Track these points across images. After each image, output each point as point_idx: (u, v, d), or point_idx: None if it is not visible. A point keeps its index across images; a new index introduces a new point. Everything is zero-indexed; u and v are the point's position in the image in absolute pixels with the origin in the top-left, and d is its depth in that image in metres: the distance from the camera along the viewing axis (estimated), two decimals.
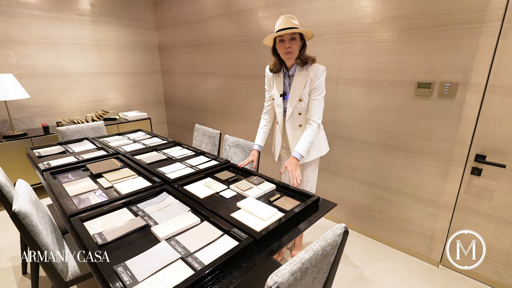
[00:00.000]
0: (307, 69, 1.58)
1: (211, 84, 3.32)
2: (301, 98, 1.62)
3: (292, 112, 1.67)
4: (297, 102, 1.63)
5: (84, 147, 2.30)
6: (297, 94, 1.62)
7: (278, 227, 1.15)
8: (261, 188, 1.50)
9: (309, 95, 1.61)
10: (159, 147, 2.26)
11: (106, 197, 1.43)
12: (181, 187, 1.49)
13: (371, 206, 2.14)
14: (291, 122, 1.71)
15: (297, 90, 1.61)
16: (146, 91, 4.01)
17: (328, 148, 1.83)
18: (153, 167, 1.79)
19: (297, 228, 1.19)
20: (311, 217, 1.28)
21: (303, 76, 1.58)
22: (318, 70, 1.56)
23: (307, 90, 1.60)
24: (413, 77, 1.75)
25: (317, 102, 1.59)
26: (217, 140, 2.36)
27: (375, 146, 2.03)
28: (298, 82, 1.60)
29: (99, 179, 1.64)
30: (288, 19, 1.50)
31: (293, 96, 1.63)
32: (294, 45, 1.52)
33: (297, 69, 1.60)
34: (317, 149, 1.77)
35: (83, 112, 3.43)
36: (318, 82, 1.56)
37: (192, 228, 1.16)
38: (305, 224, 1.22)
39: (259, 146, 1.83)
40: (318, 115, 1.61)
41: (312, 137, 1.61)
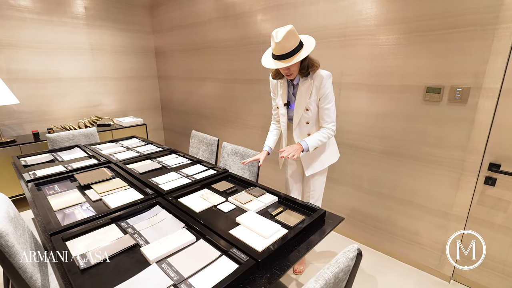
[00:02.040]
0: (311, 78, 1.49)
1: (209, 89, 3.22)
2: (308, 108, 1.53)
3: (299, 122, 1.58)
4: (304, 112, 1.55)
5: (74, 155, 2.18)
6: (302, 104, 1.53)
7: (282, 247, 1.04)
8: (262, 200, 1.40)
9: (316, 104, 1.52)
10: (153, 155, 2.15)
11: (93, 211, 1.32)
12: (176, 200, 1.38)
13: (377, 216, 2.03)
14: (299, 132, 1.62)
15: (303, 100, 1.53)
16: (142, 96, 3.91)
17: (338, 155, 1.75)
18: (146, 177, 1.68)
19: (303, 246, 1.08)
20: (318, 233, 1.17)
21: (308, 85, 1.50)
22: (323, 78, 1.46)
23: (313, 99, 1.51)
24: (421, 81, 1.66)
25: (328, 111, 1.52)
26: (214, 147, 2.25)
27: (380, 154, 1.94)
28: (303, 91, 1.52)
29: (87, 191, 1.52)
30: (282, 45, 1.32)
31: (298, 105, 1.55)
32: (292, 67, 1.42)
33: (301, 79, 1.52)
34: (329, 156, 1.69)
35: (76, 118, 3.31)
36: (324, 90, 1.48)
37: (186, 247, 1.05)
38: (311, 242, 1.11)
39: (270, 148, 1.71)
40: (332, 123, 1.55)
41: (325, 138, 1.54)
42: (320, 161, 1.67)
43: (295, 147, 1.49)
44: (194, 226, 1.15)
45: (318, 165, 1.67)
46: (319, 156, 1.66)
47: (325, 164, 1.68)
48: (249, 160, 1.64)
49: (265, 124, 2.67)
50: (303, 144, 1.51)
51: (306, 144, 1.51)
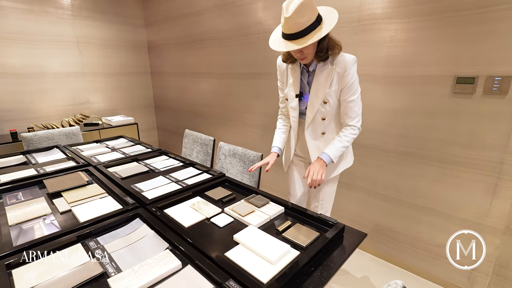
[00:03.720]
0: (332, 63, 1.20)
1: (204, 85, 2.98)
2: (326, 100, 1.25)
3: (314, 118, 1.30)
4: (320, 105, 1.26)
5: (51, 157, 1.93)
6: (320, 95, 1.25)
7: (295, 276, 0.80)
8: (266, 211, 1.15)
9: (337, 95, 1.25)
10: (141, 156, 1.90)
11: (57, 226, 1.07)
12: (160, 211, 1.13)
13: (395, 226, 1.79)
14: (311, 130, 1.35)
15: (320, 90, 1.24)
16: (134, 93, 3.66)
17: (353, 158, 1.47)
18: (129, 183, 1.43)
19: (321, 273, 0.84)
20: (336, 253, 0.93)
21: (328, 71, 1.21)
22: (348, 63, 1.18)
23: (334, 89, 1.23)
24: (450, 70, 1.43)
25: (353, 104, 1.25)
26: (210, 148, 2.01)
27: (399, 155, 1.70)
28: (321, 80, 1.23)
29: (56, 200, 1.27)
30: (293, 21, 1.05)
31: (314, 97, 1.26)
32: (307, 49, 1.14)
33: (319, 64, 1.23)
34: (345, 160, 1.42)
35: (61, 117, 3.06)
36: (349, 78, 1.20)
37: (169, 277, 0.80)
38: (330, 268, 0.86)
39: (279, 148, 1.43)
40: (357, 118, 1.28)
41: (349, 140, 1.28)
42: (334, 166, 1.40)
43: (319, 166, 1.23)
44: (180, 247, 0.90)
45: (332, 170, 1.40)
46: None
47: (340, 169, 1.41)
48: (257, 165, 1.35)
49: (266, 122, 2.43)
50: (325, 158, 1.25)
51: (327, 157, 1.25)
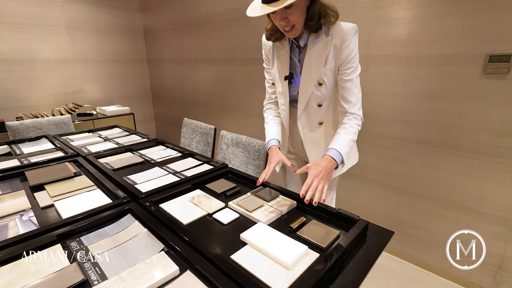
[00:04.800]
0: (327, 33, 0.99)
1: (204, 72, 2.81)
2: (321, 81, 1.04)
3: (308, 104, 1.09)
4: (315, 88, 1.05)
5: (39, 147, 1.78)
6: (313, 74, 1.04)
7: (317, 284, 0.66)
8: (276, 206, 1.01)
9: (334, 74, 1.04)
10: (135, 146, 1.75)
11: (35, 224, 0.92)
12: (155, 206, 0.99)
13: (411, 221, 1.66)
14: (306, 120, 1.13)
15: (314, 68, 1.03)
16: (129, 82, 3.49)
17: (358, 155, 1.27)
18: (121, 175, 1.29)
19: (347, 279, 0.70)
20: (360, 255, 0.79)
21: (323, 44, 1.00)
22: (347, 32, 0.97)
23: (330, 66, 1.02)
24: (480, 48, 1.28)
25: (352, 85, 1.02)
26: (211, 137, 1.86)
27: (418, 145, 1.55)
28: (314, 56, 1.02)
29: (39, 193, 1.13)
30: None
31: (307, 78, 1.05)
32: (293, 16, 0.93)
33: (311, 36, 1.02)
34: (349, 159, 1.18)
35: (52, 106, 2.89)
36: (349, 51, 0.98)
37: (164, 286, 0.66)
38: (357, 272, 0.72)
39: (277, 141, 1.16)
40: (358, 104, 1.05)
41: (356, 134, 1.05)
42: None
43: (325, 166, 0.94)
44: (177, 249, 0.76)
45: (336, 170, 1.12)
46: None
47: (344, 169, 1.19)
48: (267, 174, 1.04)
49: None
50: (334, 155, 0.98)
51: (337, 153, 0.98)
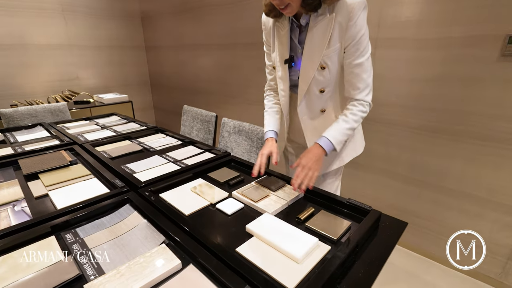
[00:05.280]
0: (331, 11, 0.88)
1: (204, 58, 2.72)
2: (324, 64, 0.94)
3: (309, 89, 1.00)
4: (317, 72, 0.95)
5: (33, 135, 1.72)
6: (315, 57, 0.94)
7: (330, 279, 0.61)
8: (282, 196, 0.96)
9: (339, 56, 0.93)
10: (134, 134, 1.69)
11: (28, 215, 0.87)
12: (155, 196, 0.94)
13: (418, 211, 1.62)
14: (306, 107, 1.05)
15: (316, 50, 0.93)
16: (127, 69, 3.39)
17: (364, 144, 1.18)
18: (119, 164, 1.23)
19: (362, 274, 0.65)
20: (373, 247, 0.74)
21: (326, 23, 0.89)
22: (354, 8, 0.85)
23: (334, 48, 0.91)
24: (499, 28, 1.20)
25: (360, 70, 0.92)
26: (212, 124, 1.80)
27: (428, 132, 1.49)
28: (316, 36, 0.92)
29: (32, 182, 1.07)
30: None
31: (308, 61, 0.96)
32: None
33: (312, 15, 0.91)
34: (353, 147, 1.12)
35: (48, 93, 2.81)
36: (356, 30, 0.87)
37: (166, 281, 0.62)
38: (372, 265, 0.68)
39: (274, 132, 1.12)
40: (367, 89, 0.94)
41: (357, 122, 0.97)
42: (339, 154, 1.10)
43: (315, 154, 0.93)
44: (179, 241, 0.71)
45: (334, 160, 1.11)
46: None
47: (346, 159, 1.12)
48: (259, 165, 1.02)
49: None
50: (324, 143, 0.94)
51: (328, 142, 0.94)
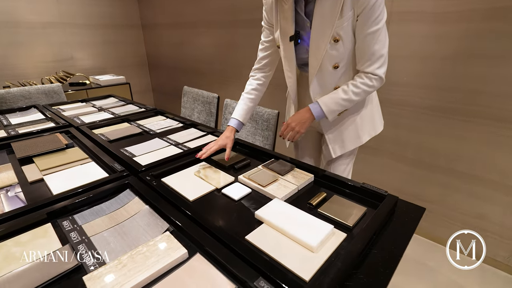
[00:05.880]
0: None
1: (204, 37, 2.59)
2: (337, 36, 0.85)
3: (321, 66, 0.90)
4: (330, 45, 0.86)
5: (28, 117, 1.65)
6: (327, 29, 0.84)
7: (348, 269, 0.56)
8: (291, 180, 0.90)
9: (353, 27, 0.84)
10: (133, 116, 1.61)
11: (23, 201, 0.82)
12: (157, 180, 0.88)
13: (427, 195, 1.58)
14: (318, 85, 0.95)
15: (327, 21, 0.84)
16: (123, 50, 3.25)
17: (383, 122, 1.10)
18: (118, 147, 1.17)
19: (380, 262, 0.61)
20: (390, 234, 0.70)
21: None
22: None
23: (347, 16, 0.82)
24: None
25: (373, 39, 0.83)
26: (214, 106, 1.72)
27: (440, 113, 1.42)
28: (327, 5, 0.82)
29: (27, 166, 1.02)
30: None
31: (319, 34, 0.86)
32: None
33: None
34: (371, 126, 1.05)
35: (41, 75, 2.70)
36: None
37: (171, 272, 0.57)
38: (392, 253, 0.63)
39: (239, 123, 1.07)
40: (378, 62, 0.85)
41: (357, 95, 0.89)
42: (356, 133, 1.03)
43: (302, 116, 0.94)
44: (185, 229, 0.67)
45: (353, 140, 1.04)
46: (354, 124, 1.02)
47: (364, 138, 1.05)
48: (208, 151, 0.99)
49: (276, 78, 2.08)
50: (313, 108, 0.93)
51: (318, 108, 0.92)
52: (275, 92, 2.26)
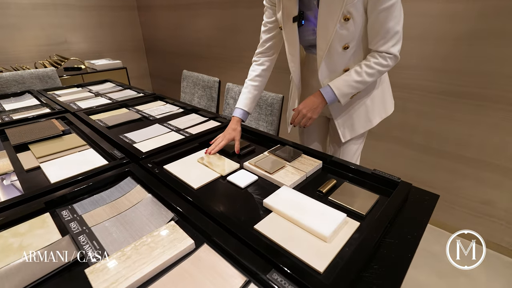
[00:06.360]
0: None
1: (203, 19, 2.48)
2: (348, 14, 0.78)
3: (330, 48, 0.84)
4: (339, 25, 0.80)
5: (22, 103, 1.59)
6: (336, 6, 0.78)
7: (362, 257, 0.54)
8: (299, 167, 0.87)
9: (364, 5, 0.78)
10: (131, 102, 1.56)
11: (19, 189, 0.79)
12: (159, 168, 0.84)
13: (434, 182, 1.55)
14: (327, 68, 0.89)
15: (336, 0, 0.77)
16: (118, 32, 3.13)
17: (393, 103, 1.05)
18: (117, 133, 1.13)
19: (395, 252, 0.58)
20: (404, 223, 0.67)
21: None
22: None
23: None
24: None
25: (387, 15, 0.76)
26: (215, 91, 1.66)
27: (450, 97, 1.37)
28: None
29: (22, 154, 0.98)
30: None
31: (328, 13, 0.80)
32: None
33: None
34: (382, 107, 1.00)
35: (35, 59, 2.60)
36: None
37: (178, 263, 0.55)
38: (409, 243, 0.61)
39: (245, 112, 1.02)
40: (393, 40, 0.80)
41: (371, 76, 0.84)
42: (366, 116, 0.98)
43: (313, 102, 0.89)
44: (190, 218, 0.63)
45: (363, 123, 0.99)
46: (365, 106, 0.97)
47: (374, 121, 1.00)
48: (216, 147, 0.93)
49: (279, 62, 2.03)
50: (326, 92, 0.88)
51: (330, 92, 0.87)
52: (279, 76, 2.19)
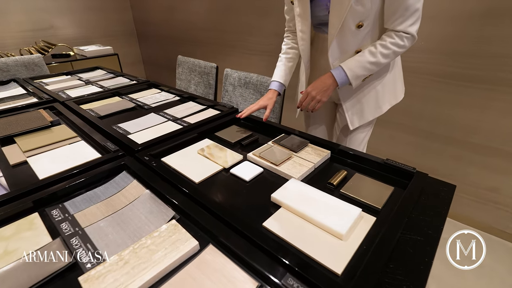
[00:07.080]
0: None
1: (197, 1, 2.35)
2: None
3: (343, 25, 0.78)
4: (355, 1, 0.74)
5: (7, 92, 1.49)
6: None
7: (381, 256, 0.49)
8: (306, 157, 0.81)
9: None
10: (124, 90, 1.47)
11: (4, 187, 0.72)
12: (157, 161, 0.78)
13: (439, 169, 1.52)
14: (338, 48, 0.84)
15: None
16: (108, 16, 2.97)
17: (404, 89, 1.00)
18: (109, 123, 1.05)
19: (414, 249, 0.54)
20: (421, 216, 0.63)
21: None
22: None
23: None
24: None
25: None
26: (212, 77, 1.58)
27: (459, 81, 1.32)
28: None
29: (7, 148, 0.91)
30: None
31: None
32: None
33: None
34: (392, 93, 0.94)
35: (19, 45, 2.46)
36: None
37: (181, 267, 0.50)
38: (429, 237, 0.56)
39: (280, 84, 1.01)
40: (411, 18, 0.74)
41: (387, 57, 0.79)
42: (376, 102, 0.93)
43: (324, 83, 0.84)
44: (194, 216, 0.58)
45: (372, 110, 0.94)
46: (375, 91, 0.92)
47: (384, 107, 0.95)
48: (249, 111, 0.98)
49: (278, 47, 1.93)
50: (337, 74, 0.82)
51: (342, 74, 0.81)
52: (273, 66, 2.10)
